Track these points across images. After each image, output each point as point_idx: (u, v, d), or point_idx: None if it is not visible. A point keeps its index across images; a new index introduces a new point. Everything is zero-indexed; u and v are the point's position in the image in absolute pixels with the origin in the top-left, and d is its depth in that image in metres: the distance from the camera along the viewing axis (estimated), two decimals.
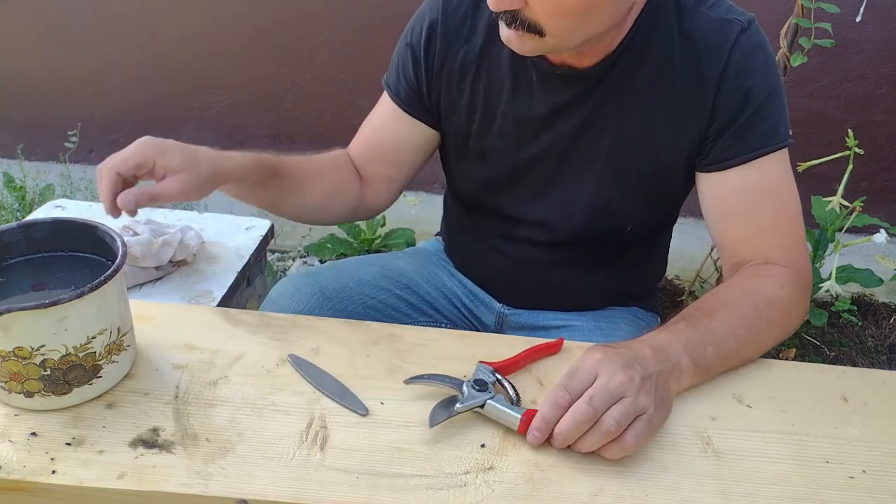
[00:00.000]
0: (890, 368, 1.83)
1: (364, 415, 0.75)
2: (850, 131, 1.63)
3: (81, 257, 0.80)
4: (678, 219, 1.12)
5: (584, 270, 1.10)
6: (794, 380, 0.85)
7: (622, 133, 0.96)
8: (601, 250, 1.08)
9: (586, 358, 0.74)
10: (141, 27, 2.58)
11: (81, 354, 0.71)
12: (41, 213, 1.43)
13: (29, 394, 0.72)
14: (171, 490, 0.66)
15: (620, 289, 1.15)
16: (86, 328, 0.71)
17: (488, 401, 0.74)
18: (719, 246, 0.99)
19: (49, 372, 0.70)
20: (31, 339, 0.68)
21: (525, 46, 0.85)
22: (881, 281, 1.86)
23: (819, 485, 0.71)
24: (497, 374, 0.78)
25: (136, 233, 1.25)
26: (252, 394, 0.77)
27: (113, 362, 0.75)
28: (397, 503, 0.66)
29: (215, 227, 1.34)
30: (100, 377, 0.74)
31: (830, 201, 1.64)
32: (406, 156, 1.10)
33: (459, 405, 0.74)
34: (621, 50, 0.92)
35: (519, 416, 0.73)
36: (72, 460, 0.68)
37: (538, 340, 0.86)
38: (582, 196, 1.01)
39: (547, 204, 1.03)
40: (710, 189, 0.96)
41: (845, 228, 1.78)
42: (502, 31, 0.86)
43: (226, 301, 1.19)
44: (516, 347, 0.84)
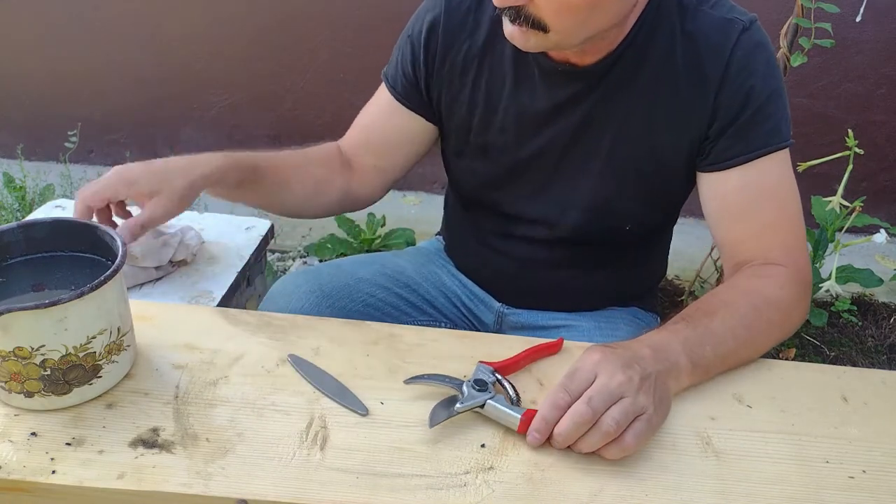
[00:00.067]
0: (890, 368, 1.83)
1: (364, 415, 0.75)
2: (850, 131, 1.63)
3: (81, 257, 0.80)
4: (678, 219, 1.12)
5: (584, 270, 1.10)
6: (794, 380, 0.85)
7: (623, 132, 0.96)
8: (601, 250, 1.08)
9: (585, 358, 0.74)
10: (141, 27, 2.58)
11: (81, 354, 0.71)
12: (41, 213, 1.42)
13: (29, 394, 0.72)
14: (171, 490, 0.66)
15: (620, 289, 1.15)
16: (86, 328, 0.71)
17: (488, 401, 0.74)
18: (720, 246, 0.99)
19: (49, 372, 0.70)
20: (31, 339, 0.68)
21: (528, 43, 0.85)
22: (881, 281, 1.85)
23: (819, 485, 0.71)
24: (497, 374, 0.78)
25: None
26: (252, 394, 0.77)
27: (113, 362, 0.75)
28: (397, 503, 0.66)
29: (215, 227, 1.34)
30: (100, 377, 0.74)
31: (830, 201, 1.64)
32: (398, 148, 1.10)
33: (459, 405, 0.74)
34: (623, 48, 0.92)
35: (519, 416, 0.73)
36: (72, 460, 0.68)
37: (538, 340, 0.86)
38: (581, 194, 1.01)
39: (546, 201, 1.03)
40: (711, 189, 0.96)
41: (845, 228, 1.78)
42: (506, 27, 0.86)
43: (226, 301, 1.19)
44: (516, 347, 0.84)
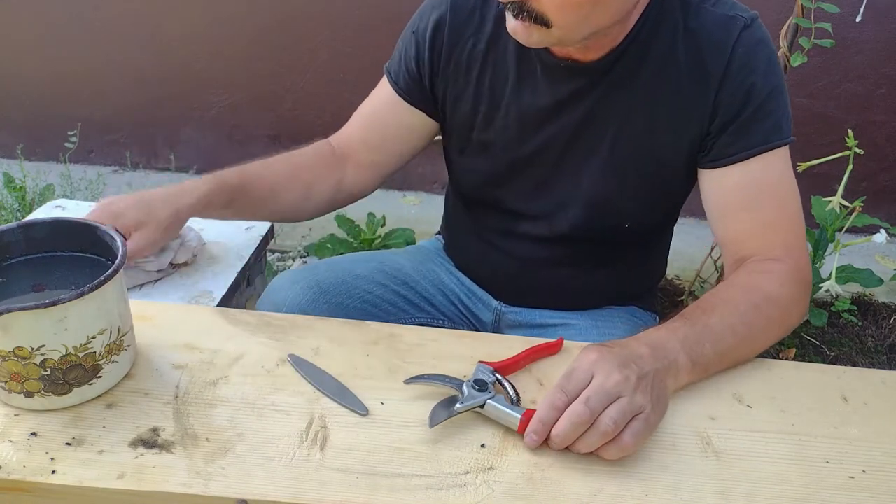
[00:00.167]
0: (890, 368, 1.83)
1: (364, 415, 0.75)
2: (850, 131, 1.63)
3: (81, 257, 0.80)
4: (678, 219, 1.12)
5: (584, 269, 1.10)
6: (794, 380, 0.85)
7: (624, 128, 0.96)
8: (601, 249, 1.08)
9: (582, 358, 0.74)
10: (141, 27, 2.58)
11: (81, 354, 0.71)
12: (41, 213, 1.42)
13: (29, 394, 0.72)
14: (171, 490, 0.66)
15: (620, 289, 1.15)
16: (86, 328, 0.71)
17: (488, 401, 0.74)
18: (721, 243, 0.99)
19: (49, 372, 0.70)
20: (31, 339, 0.68)
21: (531, 38, 0.85)
22: (881, 281, 1.85)
23: (819, 485, 0.71)
24: (497, 374, 0.78)
25: None
26: (252, 394, 0.77)
27: (113, 362, 0.75)
28: (397, 503, 0.66)
29: (215, 228, 1.34)
30: (100, 377, 0.74)
31: (830, 201, 1.64)
32: (397, 143, 1.10)
33: (459, 405, 0.74)
34: (626, 45, 0.92)
35: (519, 416, 0.73)
36: (72, 460, 0.68)
37: (538, 340, 0.86)
38: (581, 190, 1.01)
39: (547, 197, 1.03)
40: (712, 186, 0.96)
41: (845, 228, 1.78)
42: (509, 23, 0.86)
43: (226, 301, 1.19)
44: (516, 347, 0.84)
